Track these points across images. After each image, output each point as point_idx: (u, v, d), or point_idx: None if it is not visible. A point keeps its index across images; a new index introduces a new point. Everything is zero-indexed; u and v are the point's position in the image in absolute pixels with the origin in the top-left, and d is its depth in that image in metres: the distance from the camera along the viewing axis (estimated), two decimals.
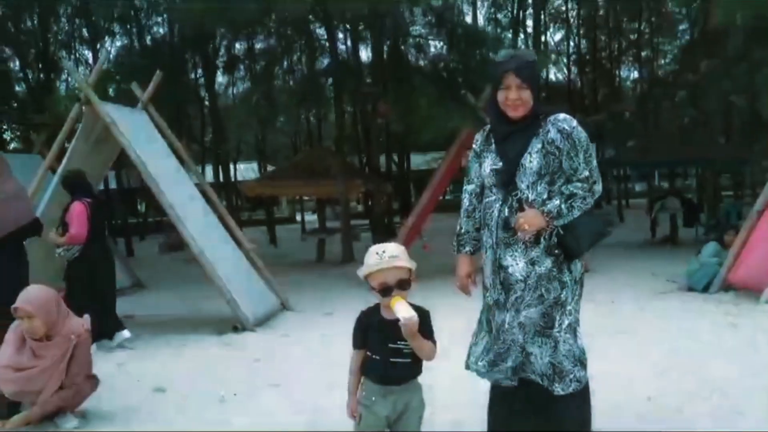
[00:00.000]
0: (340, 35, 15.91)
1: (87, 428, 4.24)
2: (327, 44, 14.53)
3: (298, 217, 28.32)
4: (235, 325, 7.12)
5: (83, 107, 7.19)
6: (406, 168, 23.67)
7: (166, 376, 5.44)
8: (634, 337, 5.94)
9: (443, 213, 17.82)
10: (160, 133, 7.99)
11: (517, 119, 3.14)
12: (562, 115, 3.15)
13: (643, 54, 26.76)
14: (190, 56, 15.57)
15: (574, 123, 3.12)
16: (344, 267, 13.02)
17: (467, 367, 3.36)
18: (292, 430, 4.06)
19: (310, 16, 13.33)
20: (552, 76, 27.24)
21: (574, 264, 3.14)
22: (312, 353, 6.15)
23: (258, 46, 17.19)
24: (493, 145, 3.25)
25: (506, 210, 3.14)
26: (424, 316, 2.74)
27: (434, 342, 2.79)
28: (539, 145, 3.09)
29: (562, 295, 3.08)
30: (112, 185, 19.32)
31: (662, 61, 28.11)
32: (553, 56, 25.68)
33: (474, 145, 3.39)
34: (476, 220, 3.32)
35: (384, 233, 17.01)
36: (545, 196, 3.08)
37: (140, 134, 7.41)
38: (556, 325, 3.07)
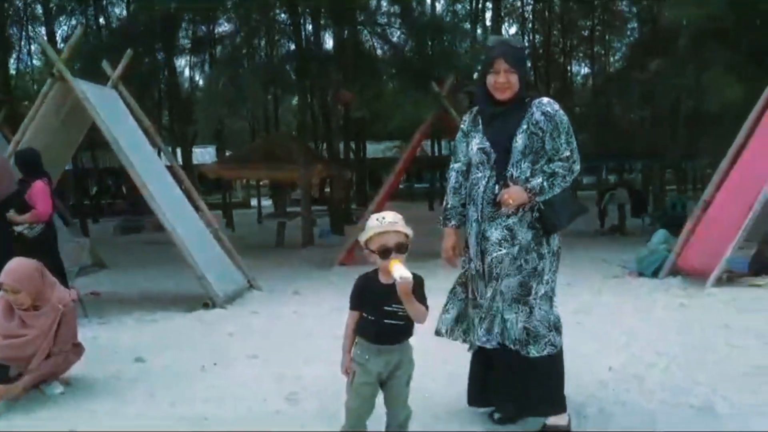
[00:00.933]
0: (304, 21, 15.95)
1: (72, 395, 4.33)
2: (291, 29, 14.61)
3: (253, 202, 28.22)
4: (206, 301, 7.24)
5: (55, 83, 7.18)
6: (363, 156, 23.88)
7: (142, 348, 5.53)
8: (592, 317, 6.26)
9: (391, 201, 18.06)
10: (130, 112, 8.02)
11: (504, 101, 3.38)
12: (546, 99, 3.40)
13: (595, 50, 27.48)
14: (151, 38, 15.44)
15: (557, 106, 3.37)
16: (305, 251, 13.19)
17: (437, 333, 3.62)
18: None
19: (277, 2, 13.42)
20: None
21: (553, 238, 3.40)
22: (285, 328, 6.32)
23: (221, 29, 17.18)
24: (481, 126, 3.48)
25: (492, 186, 3.37)
26: (418, 281, 2.92)
27: (426, 307, 2.96)
28: (525, 126, 3.33)
29: (539, 266, 3.33)
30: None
31: (612, 59, 28.91)
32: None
33: (462, 126, 3.62)
34: (462, 197, 3.55)
35: (342, 219, 17.22)
36: (528, 174, 3.32)
37: (112, 112, 7.43)
38: (533, 293, 3.31)
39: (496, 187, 3.36)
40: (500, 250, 3.33)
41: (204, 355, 5.24)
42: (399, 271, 2.80)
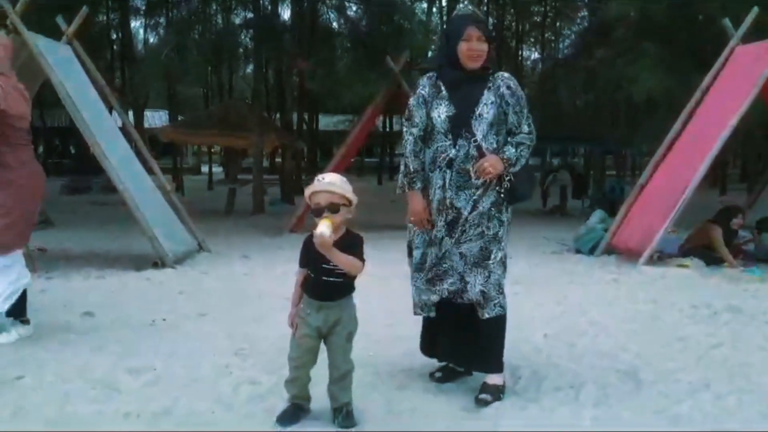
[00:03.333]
0: None
1: (20, 345, 4.37)
2: None
3: (204, 169, 27.94)
4: (155, 261, 7.29)
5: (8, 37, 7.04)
6: (315, 128, 23.83)
7: (91, 303, 5.59)
8: (529, 288, 6.49)
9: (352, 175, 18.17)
10: (85, 70, 7.92)
11: (473, 70, 3.47)
12: (506, 74, 3.53)
13: (546, 36, 27.96)
14: None
15: (516, 82, 3.53)
16: (254, 218, 13.23)
17: (417, 314, 3.71)
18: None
19: None
20: None
21: (508, 207, 3.55)
22: (234, 289, 6.42)
23: None
24: (444, 92, 3.51)
25: (461, 155, 3.47)
26: (354, 239, 3.09)
27: (360, 258, 3.08)
28: (493, 98, 3.45)
29: (500, 232, 3.50)
30: None
31: (561, 46, 29.43)
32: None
33: (421, 90, 3.59)
34: (422, 161, 3.58)
35: (293, 189, 17.27)
36: (495, 145, 3.46)
37: (66, 69, 7.32)
38: (492, 258, 3.48)
39: (465, 156, 3.45)
40: (464, 216, 3.48)
41: (154, 312, 5.32)
42: (320, 227, 2.94)
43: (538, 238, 10.51)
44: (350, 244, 3.07)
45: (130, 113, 20.24)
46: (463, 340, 3.61)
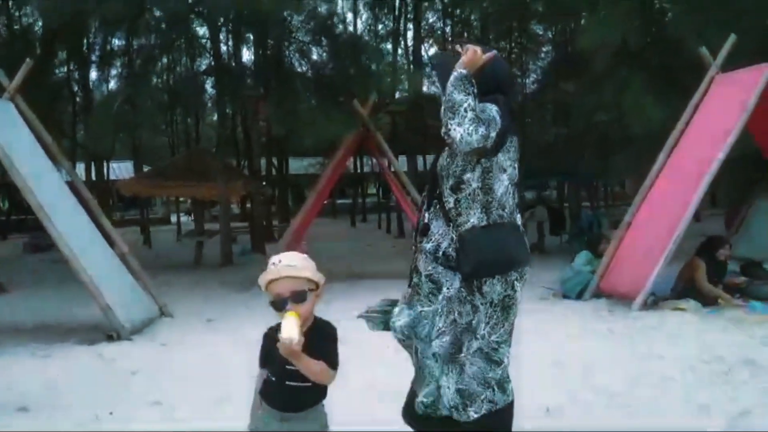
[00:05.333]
0: (223, 36, 15.48)
1: None
2: (209, 44, 14.13)
3: (173, 219, 27.38)
4: (109, 333, 6.67)
5: None
6: (285, 172, 23.37)
7: (29, 392, 4.97)
8: (520, 344, 5.95)
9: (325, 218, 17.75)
10: (28, 127, 7.37)
11: None
12: None
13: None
14: (61, 49, 14.59)
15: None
16: (223, 271, 12.66)
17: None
18: None
19: (192, 15, 12.95)
20: (425, 89, 27.77)
21: (490, 286, 2.88)
22: (195, 365, 5.79)
23: (136, 43, 16.36)
24: None
25: (426, 215, 3.00)
26: (325, 333, 2.47)
27: (333, 364, 2.43)
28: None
29: (474, 320, 2.89)
30: None
31: (527, 81, 29.39)
32: (428, 69, 26.20)
33: None
34: None
35: (263, 237, 16.75)
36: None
37: (6, 126, 6.81)
38: (464, 350, 2.89)
39: (426, 215, 3.00)
40: (429, 305, 2.94)
41: (100, 402, 4.70)
42: (285, 328, 2.30)
43: None
44: (321, 339, 2.43)
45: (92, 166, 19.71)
46: None
